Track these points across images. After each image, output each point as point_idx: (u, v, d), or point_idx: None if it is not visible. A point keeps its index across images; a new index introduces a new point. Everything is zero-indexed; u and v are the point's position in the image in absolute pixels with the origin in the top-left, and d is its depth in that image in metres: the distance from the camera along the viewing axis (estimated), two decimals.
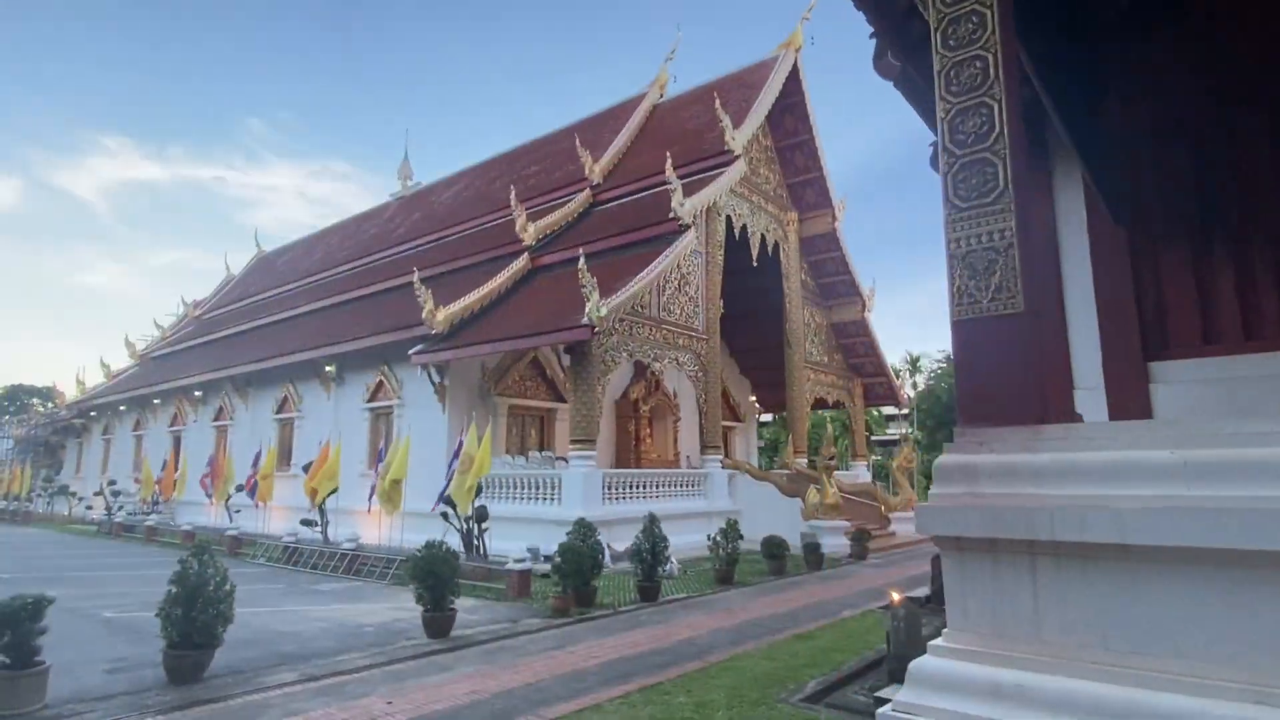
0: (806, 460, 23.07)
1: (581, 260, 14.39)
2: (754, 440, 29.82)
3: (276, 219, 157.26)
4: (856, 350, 26.11)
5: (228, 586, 6.57)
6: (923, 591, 10.84)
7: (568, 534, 10.23)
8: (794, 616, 9.39)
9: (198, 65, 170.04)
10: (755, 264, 21.54)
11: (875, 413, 46.75)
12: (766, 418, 37.68)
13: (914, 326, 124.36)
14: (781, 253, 22.85)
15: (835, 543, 15.85)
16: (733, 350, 26.83)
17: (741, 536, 12.37)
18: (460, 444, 12.11)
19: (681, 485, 17.88)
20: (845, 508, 17.42)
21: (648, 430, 22.69)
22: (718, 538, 12.23)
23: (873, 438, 48.18)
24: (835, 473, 24.06)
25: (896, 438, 54.84)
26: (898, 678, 6.40)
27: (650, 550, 10.48)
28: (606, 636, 8.21)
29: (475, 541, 12.69)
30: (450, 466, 12.08)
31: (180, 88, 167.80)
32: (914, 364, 57.37)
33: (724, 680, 6.41)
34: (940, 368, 62.59)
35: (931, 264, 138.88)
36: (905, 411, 58.80)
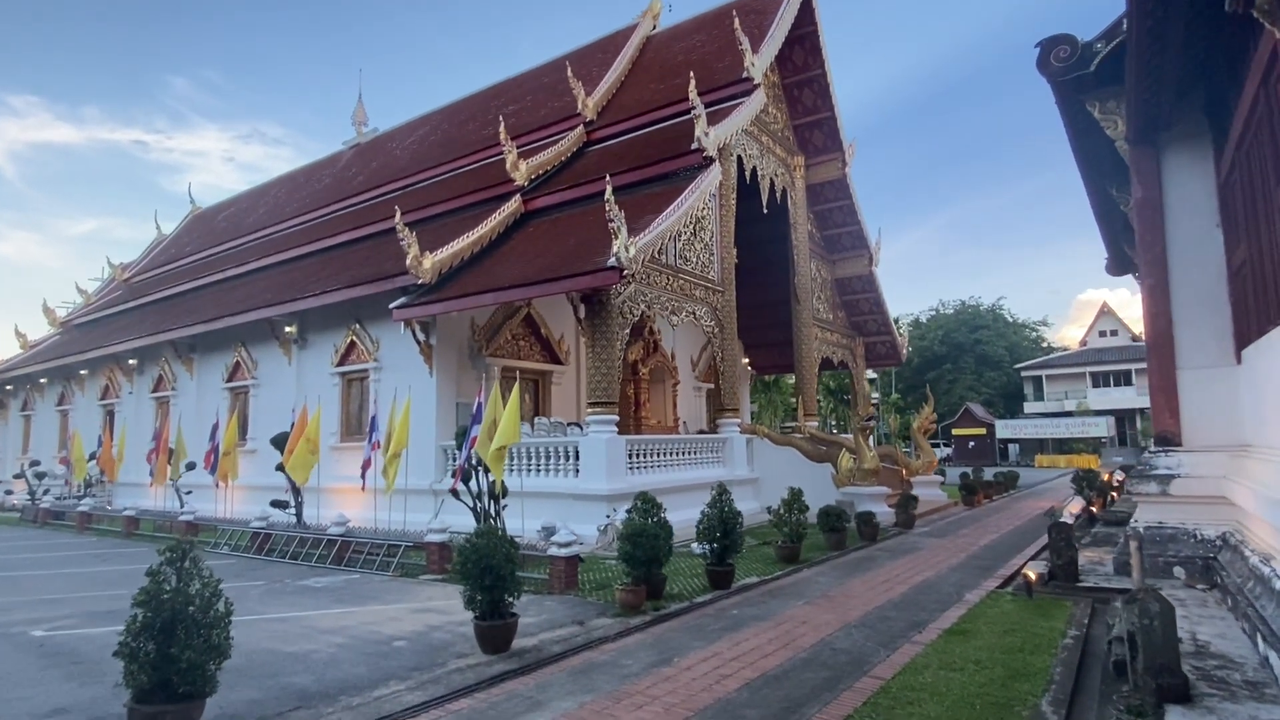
0: (817, 423, 21.63)
1: (609, 191, 12.27)
2: (747, 405, 28.30)
3: (204, 185, 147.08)
4: (861, 307, 24.67)
5: (221, 606, 4.51)
6: (1035, 566, 9.40)
7: (628, 511, 8.35)
8: (912, 604, 7.77)
9: (112, 15, 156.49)
10: (765, 211, 19.70)
11: None
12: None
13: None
14: (789, 200, 21.07)
15: (878, 511, 14.38)
16: None
17: (807, 508, 10.71)
18: (479, 406, 10.03)
19: (700, 452, 16.14)
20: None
21: (647, 394, 20.89)
22: (780, 510, 10.55)
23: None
24: (838, 436, 22.78)
25: (875, 400, 54.37)
26: (1171, 695, 4.77)
27: (722, 528, 8.70)
28: (712, 641, 6.43)
29: (493, 522, 10.70)
30: (470, 434, 9.99)
31: (94, 41, 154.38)
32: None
33: (928, 709, 4.70)
34: (909, 330, 62.41)
35: (903, 223, 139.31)
36: (874, 376, 58.56)
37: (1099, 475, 20.46)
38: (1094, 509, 14.35)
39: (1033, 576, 7.97)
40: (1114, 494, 18.06)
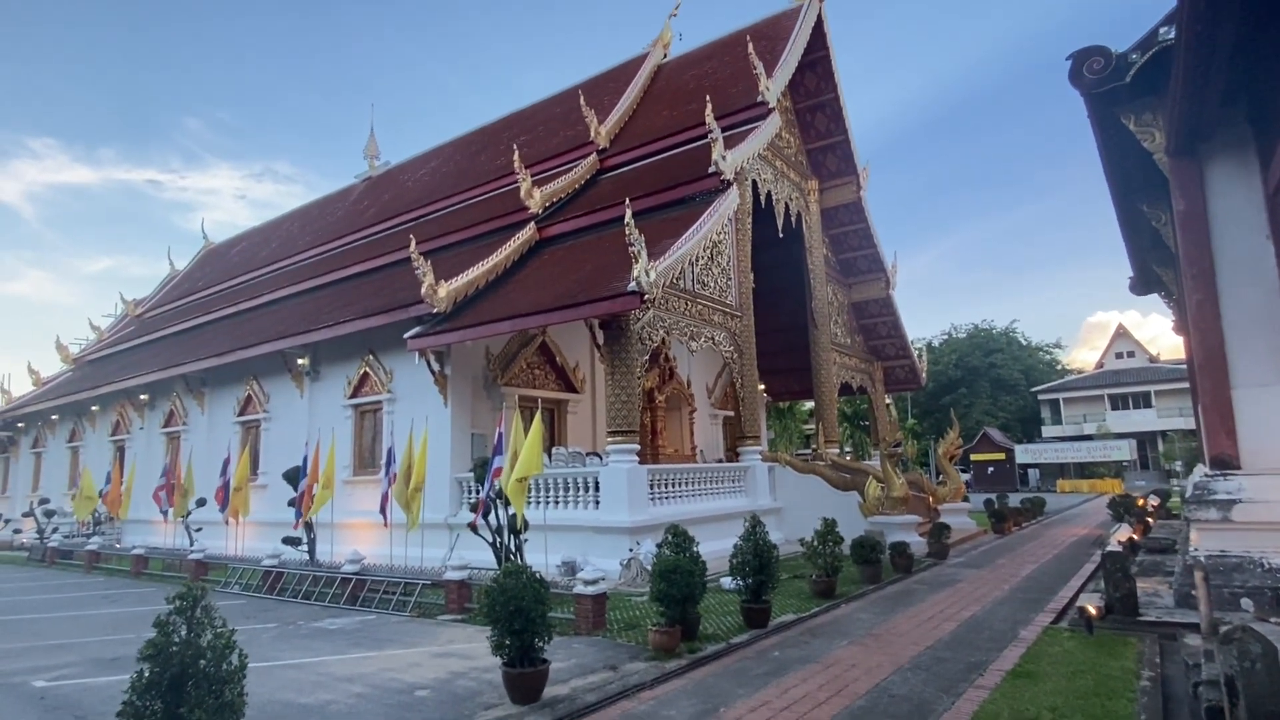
0: (837, 450, 21.14)
1: (629, 215, 12.05)
2: (763, 432, 27.79)
3: (217, 222, 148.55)
4: (878, 331, 24.34)
5: (235, 658, 4.13)
6: (1090, 599, 8.88)
7: (658, 545, 7.95)
8: (965, 643, 7.29)
9: (128, 60, 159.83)
10: (780, 236, 19.48)
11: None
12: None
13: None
14: (804, 224, 20.85)
15: (910, 541, 13.84)
16: None
17: (842, 539, 10.25)
18: (500, 437, 9.69)
19: (722, 481, 15.69)
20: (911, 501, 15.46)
21: (663, 423, 20.49)
22: (814, 542, 10.09)
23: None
24: (860, 463, 22.26)
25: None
26: None
27: (757, 562, 8.26)
28: (758, 688, 5.97)
29: (513, 557, 10.29)
30: (492, 466, 9.63)
31: (110, 85, 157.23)
32: None
33: None
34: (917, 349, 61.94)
35: (908, 247, 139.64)
36: (888, 402, 57.87)
37: (1134, 500, 19.83)
38: (1134, 536, 13.79)
39: (1093, 611, 7.48)
40: (1150, 519, 17.45)
